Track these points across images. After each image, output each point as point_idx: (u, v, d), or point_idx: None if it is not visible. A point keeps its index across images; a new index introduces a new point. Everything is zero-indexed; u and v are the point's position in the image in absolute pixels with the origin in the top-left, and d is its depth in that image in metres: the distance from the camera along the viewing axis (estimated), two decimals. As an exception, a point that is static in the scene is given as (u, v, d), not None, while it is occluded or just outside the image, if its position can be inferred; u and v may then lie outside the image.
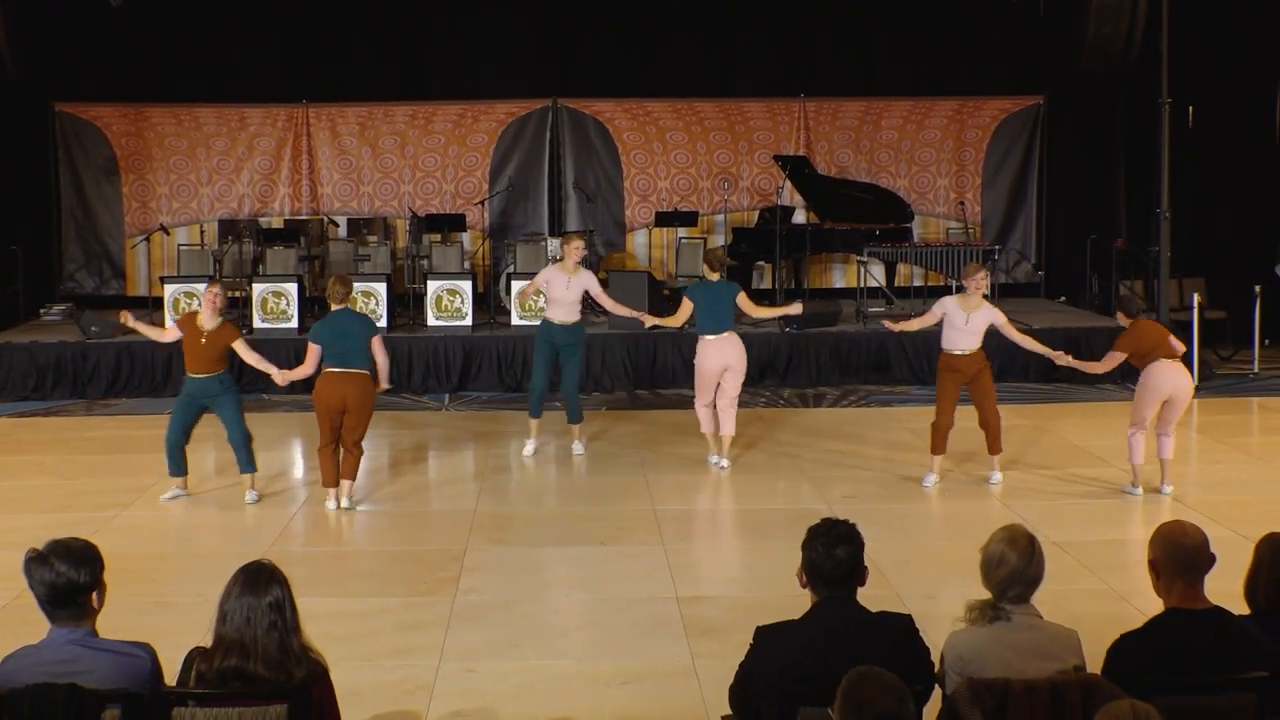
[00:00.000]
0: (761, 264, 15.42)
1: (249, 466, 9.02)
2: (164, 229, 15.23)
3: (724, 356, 9.69)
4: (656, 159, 16.54)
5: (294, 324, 13.33)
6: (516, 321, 13.72)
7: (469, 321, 13.64)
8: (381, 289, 13.59)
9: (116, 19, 14.13)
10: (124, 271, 16.22)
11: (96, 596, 3.79)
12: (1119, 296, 9.65)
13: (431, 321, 13.71)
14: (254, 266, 14.79)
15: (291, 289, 13.53)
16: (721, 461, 9.97)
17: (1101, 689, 3.61)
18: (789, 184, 15.17)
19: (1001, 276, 15.67)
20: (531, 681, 5.92)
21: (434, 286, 13.81)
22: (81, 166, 16.19)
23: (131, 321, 9.50)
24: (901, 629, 3.98)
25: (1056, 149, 16.52)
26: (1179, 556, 3.91)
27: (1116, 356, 9.10)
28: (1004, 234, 16.59)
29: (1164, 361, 8.78)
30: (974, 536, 4.40)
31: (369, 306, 13.41)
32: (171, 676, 3.84)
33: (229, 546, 7.96)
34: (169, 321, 12.36)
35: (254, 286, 13.57)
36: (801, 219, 15.60)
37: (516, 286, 13.70)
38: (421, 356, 13.20)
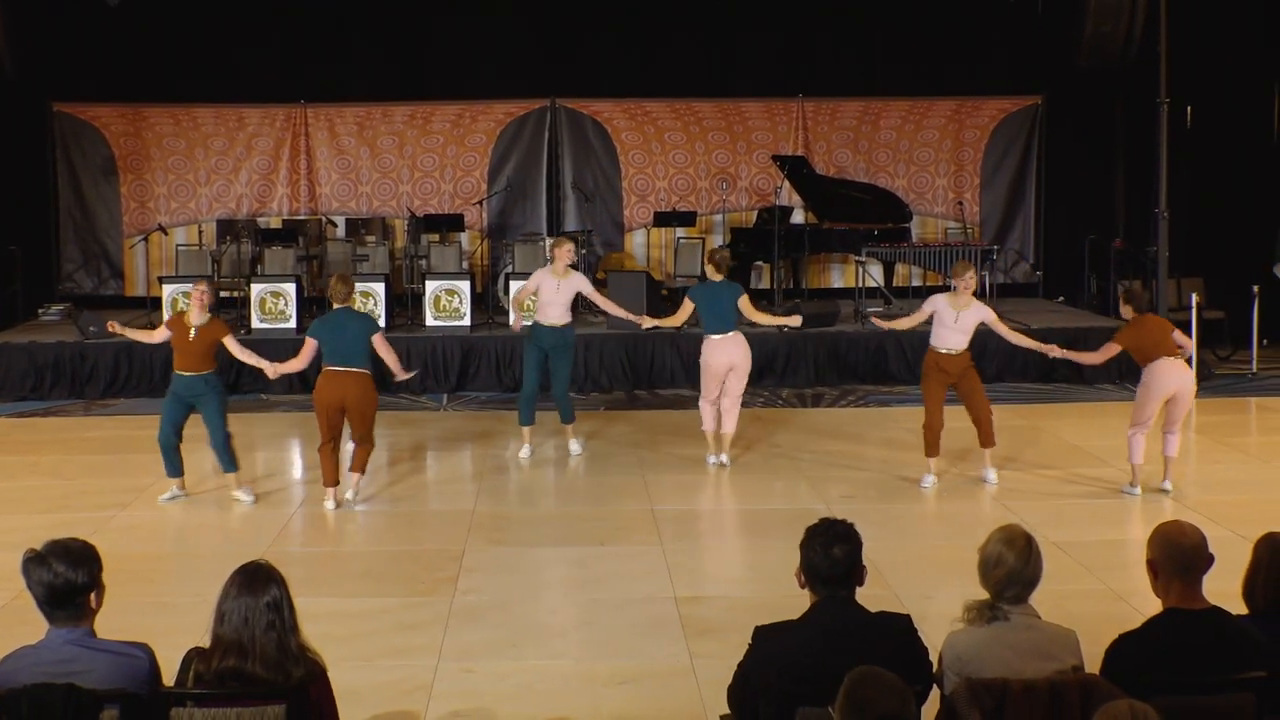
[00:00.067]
0: (760, 264, 15.42)
1: (230, 466, 9.01)
2: (162, 229, 15.22)
3: (730, 356, 9.71)
4: (655, 159, 16.54)
5: (292, 324, 13.32)
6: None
7: (467, 322, 13.63)
8: (380, 289, 13.59)
9: (115, 19, 14.15)
10: (122, 272, 16.22)
11: (94, 597, 3.79)
12: (1127, 289, 9.62)
13: (430, 322, 13.70)
14: (252, 267, 14.79)
15: (290, 289, 13.52)
16: (721, 458, 9.98)
17: (1100, 689, 3.61)
18: (787, 184, 15.17)
19: (1000, 276, 15.67)
20: (530, 681, 5.92)
21: (432, 286, 13.80)
22: (80, 166, 16.19)
23: (119, 328, 9.53)
24: (900, 629, 3.98)
25: (1055, 149, 16.52)
26: (1177, 557, 3.91)
27: (1113, 348, 9.06)
28: (1002, 234, 16.59)
29: (1165, 360, 8.74)
30: (972, 537, 4.40)
31: (367, 306, 13.39)
32: (170, 677, 3.84)
33: (227, 547, 7.96)
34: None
35: (252, 287, 13.56)
36: (800, 219, 15.60)
37: (515, 286, 13.66)
38: (420, 357, 13.18)
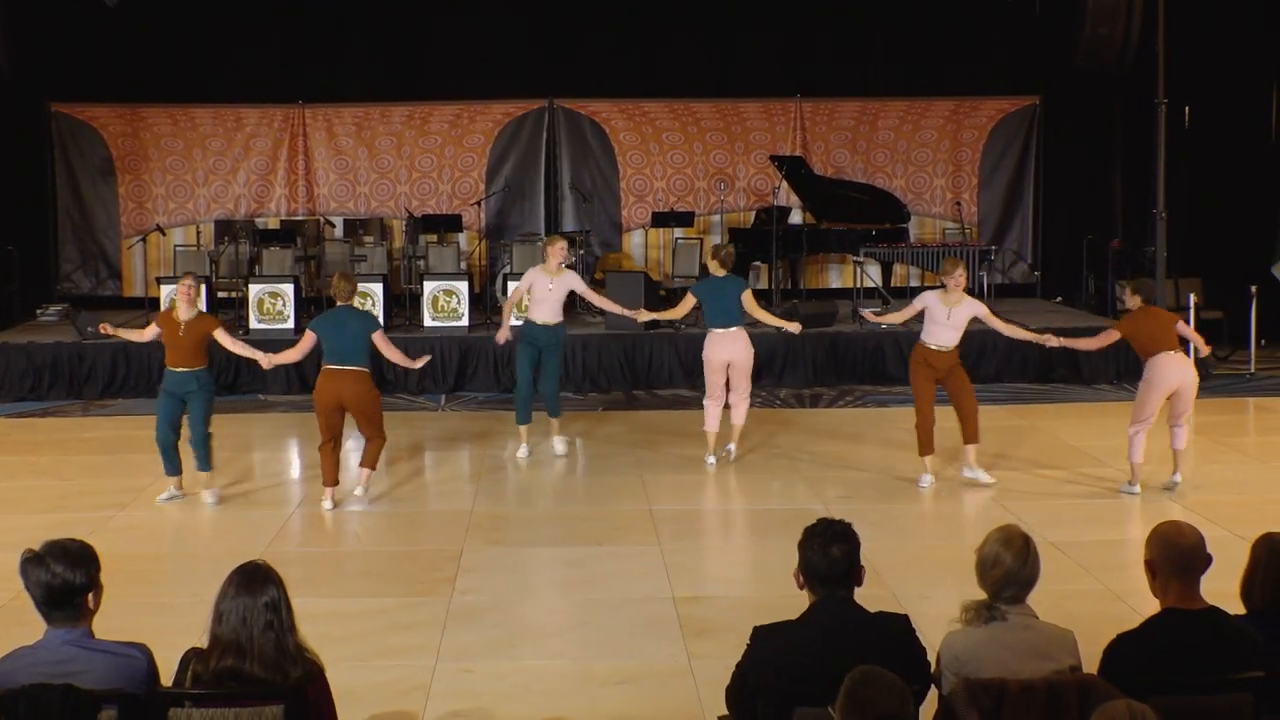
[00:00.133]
0: (758, 264, 15.42)
1: (204, 465, 9.00)
2: (160, 229, 15.23)
3: (729, 350, 9.74)
4: (653, 159, 16.54)
5: (290, 324, 13.30)
6: (513, 322, 13.66)
7: (465, 322, 13.63)
8: (378, 289, 13.57)
9: (113, 19, 14.12)
10: (120, 272, 16.20)
11: (92, 597, 3.79)
12: (1137, 279, 9.64)
13: (428, 322, 13.70)
14: (250, 267, 14.79)
15: (288, 289, 13.51)
16: (729, 447, 10.06)
17: (1098, 689, 3.61)
18: (785, 184, 15.17)
19: (998, 276, 15.67)
20: (527, 682, 5.92)
21: (430, 287, 13.80)
22: (78, 167, 16.18)
23: (111, 329, 9.54)
24: (899, 629, 3.98)
25: (1053, 149, 16.53)
26: (1175, 557, 3.91)
27: (1112, 335, 9.07)
28: (1000, 234, 16.60)
29: (1167, 354, 8.73)
30: (970, 537, 4.41)
31: (365, 307, 13.35)
32: (168, 677, 3.83)
33: (225, 547, 7.95)
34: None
35: (250, 287, 13.55)
36: (798, 219, 15.61)
37: (513, 287, 13.68)
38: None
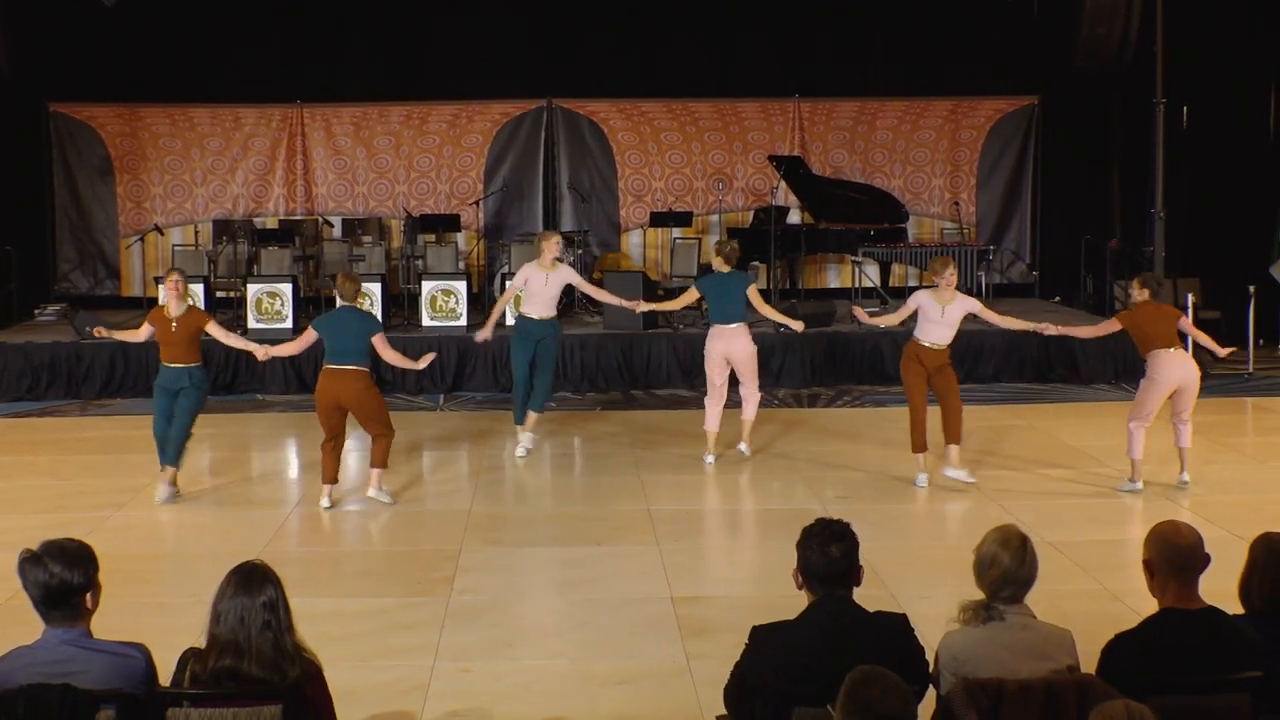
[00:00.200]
0: (756, 264, 15.40)
1: (173, 460, 8.96)
2: (158, 229, 15.22)
3: (727, 346, 9.76)
4: (651, 159, 16.54)
5: (289, 324, 13.29)
6: (511, 322, 13.68)
7: (464, 322, 13.62)
8: (376, 289, 13.57)
9: (111, 19, 14.12)
10: (118, 272, 16.20)
11: (91, 597, 3.79)
12: (1146, 273, 9.65)
13: (426, 322, 13.70)
14: (249, 267, 14.78)
15: (286, 289, 13.50)
16: (740, 446, 10.11)
17: (1096, 689, 3.61)
18: (784, 184, 15.17)
19: (996, 276, 15.67)
20: (526, 682, 5.91)
21: (429, 287, 13.80)
22: (76, 167, 16.18)
23: (106, 332, 9.56)
24: (897, 629, 3.98)
25: (1051, 149, 16.54)
26: (1174, 557, 3.91)
27: (1112, 324, 9.12)
28: (998, 234, 16.60)
29: (1169, 351, 8.75)
30: (968, 536, 4.41)
31: (363, 307, 13.36)
32: (166, 677, 3.83)
33: (223, 547, 7.94)
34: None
35: (248, 287, 13.55)
36: (796, 219, 15.62)
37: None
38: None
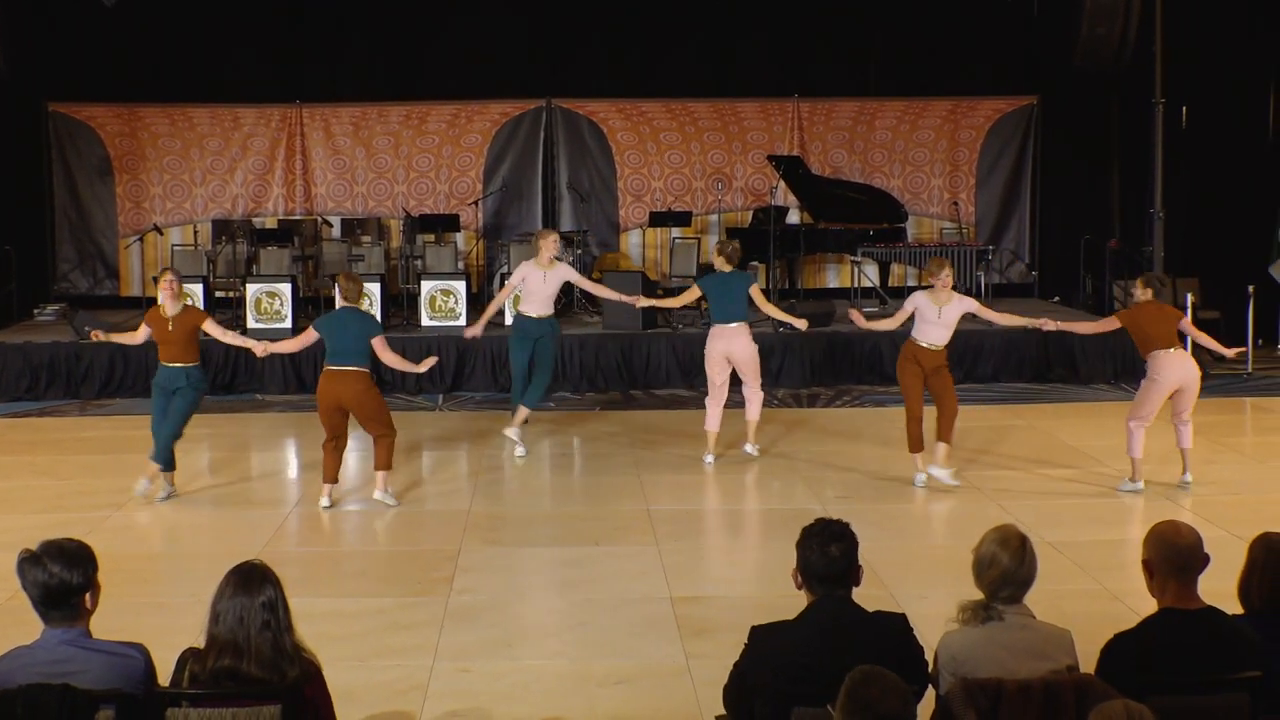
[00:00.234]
0: (755, 264, 15.40)
1: (160, 458, 8.95)
2: (157, 229, 15.21)
3: (728, 345, 9.76)
4: (650, 159, 16.54)
5: (288, 324, 13.29)
6: (510, 322, 13.70)
7: (463, 322, 13.60)
8: (375, 289, 13.56)
9: (111, 19, 14.13)
10: (117, 272, 16.20)
11: (90, 597, 3.79)
12: (1150, 273, 9.66)
13: (425, 322, 13.70)
14: (248, 267, 14.78)
15: (285, 289, 13.50)
16: (746, 447, 10.09)
17: (1095, 689, 3.61)
18: (783, 184, 15.17)
19: (995, 276, 15.67)
20: (525, 681, 5.91)
21: (428, 287, 13.80)
22: (75, 167, 16.17)
23: (103, 335, 9.56)
24: (897, 628, 3.98)
25: (1050, 149, 16.54)
26: (1173, 557, 3.91)
27: (1111, 322, 9.14)
28: (998, 234, 16.60)
29: (1170, 351, 8.75)
30: (967, 536, 4.40)
31: (363, 307, 13.37)
32: (165, 677, 3.83)
33: (222, 547, 7.93)
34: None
35: (248, 287, 13.55)
36: (795, 219, 15.62)
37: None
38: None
